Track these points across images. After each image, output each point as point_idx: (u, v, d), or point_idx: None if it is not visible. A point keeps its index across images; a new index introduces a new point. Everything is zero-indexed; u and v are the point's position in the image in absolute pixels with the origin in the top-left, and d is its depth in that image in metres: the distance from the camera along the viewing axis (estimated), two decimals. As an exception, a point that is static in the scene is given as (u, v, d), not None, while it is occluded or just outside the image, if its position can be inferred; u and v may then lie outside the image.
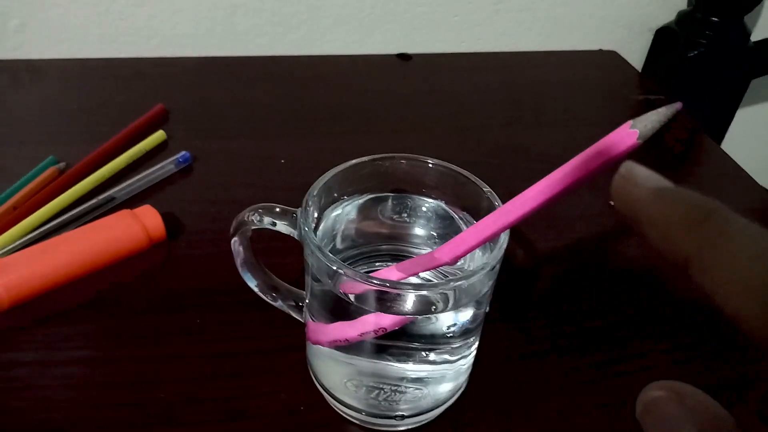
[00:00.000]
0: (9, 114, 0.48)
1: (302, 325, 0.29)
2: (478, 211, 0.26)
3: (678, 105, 0.18)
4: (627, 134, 0.19)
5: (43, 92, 0.51)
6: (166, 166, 0.42)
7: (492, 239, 0.23)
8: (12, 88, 0.52)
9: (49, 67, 0.54)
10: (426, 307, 0.24)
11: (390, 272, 0.25)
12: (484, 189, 0.26)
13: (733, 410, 0.30)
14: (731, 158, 0.49)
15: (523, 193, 0.21)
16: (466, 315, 0.25)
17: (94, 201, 0.38)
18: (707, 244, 0.13)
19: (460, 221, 0.28)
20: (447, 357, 0.26)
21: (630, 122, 0.19)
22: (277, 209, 0.26)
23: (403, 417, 0.27)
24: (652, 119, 0.18)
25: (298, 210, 0.25)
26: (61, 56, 0.55)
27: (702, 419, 0.14)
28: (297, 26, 0.58)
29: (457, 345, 0.26)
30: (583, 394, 0.30)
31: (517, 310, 0.35)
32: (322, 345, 0.26)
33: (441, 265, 0.24)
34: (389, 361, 0.25)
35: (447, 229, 0.29)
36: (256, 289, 0.29)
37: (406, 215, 0.29)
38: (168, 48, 0.57)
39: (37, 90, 0.52)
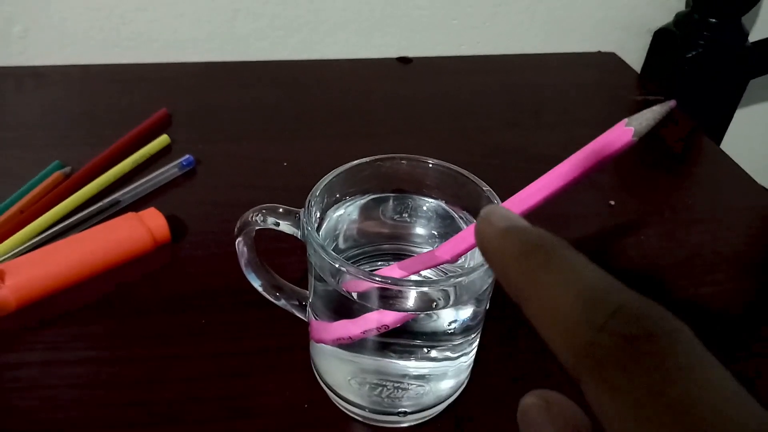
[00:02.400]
0: (14, 119, 0.49)
1: (305, 324, 0.29)
2: (477, 210, 0.27)
3: (672, 103, 0.19)
4: (623, 132, 0.19)
5: (47, 97, 0.52)
6: (170, 170, 0.42)
7: (492, 237, 0.23)
8: (16, 94, 0.52)
9: (52, 73, 0.55)
10: (427, 304, 0.25)
11: (392, 270, 0.25)
12: (484, 188, 0.27)
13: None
14: (730, 158, 0.50)
15: (522, 191, 0.22)
16: (466, 312, 0.25)
17: (99, 204, 0.39)
18: (529, 278, 0.13)
19: (460, 220, 0.29)
20: (448, 354, 0.26)
21: (625, 120, 0.19)
22: (281, 210, 0.26)
23: (405, 413, 0.27)
24: (647, 117, 0.19)
25: (301, 210, 0.26)
26: (64, 62, 0.56)
27: (562, 424, 0.15)
28: (298, 30, 0.59)
29: (459, 342, 0.26)
30: (581, 390, 0.31)
31: (518, 307, 0.35)
32: (326, 343, 0.27)
33: (442, 263, 0.24)
34: (392, 358, 0.26)
35: (447, 229, 0.29)
36: (260, 289, 0.29)
37: (407, 215, 0.30)
38: (170, 53, 0.58)
39: (41, 95, 0.52)
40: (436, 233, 0.30)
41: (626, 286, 0.13)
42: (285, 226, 0.26)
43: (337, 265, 0.23)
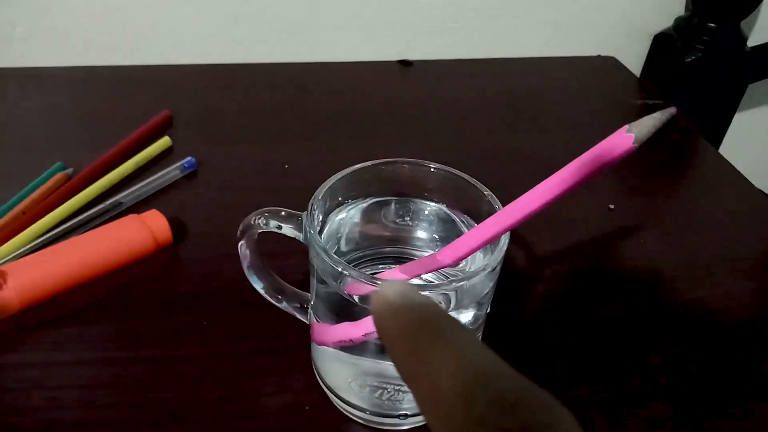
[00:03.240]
0: (16, 121, 0.49)
1: (307, 327, 0.29)
2: (478, 214, 0.27)
3: (672, 110, 0.19)
4: (623, 138, 0.19)
5: (50, 99, 0.52)
6: (171, 172, 0.43)
7: (492, 241, 0.23)
8: (19, 95, 0.52)
9: (54, 75, 0.55)
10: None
11: (393, 274, 0.25)
12: (485, 192, 0.27)
13: (732, 412, 0.31)
14: (729, 162, 0.50)
15: (523, 196, 0.22)
16: (467, 316, 0.26)
17: (101, 206, 0.39)
18: (414, 358, 0.13)
19: (462, 224, 0.29)
20: (449, 357, 0.26)
21: (626, 127, 0.19)
22: (283, 213, 0.27)
23: (406, 416, 0.28)
24: (648, 124, 0.19)
25: (304, 213, 0.26)
26: (66, 64, 0.56)
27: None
28: (299, 33, 0.59)
29: (459, 345, 0.26)
30: (583, 393, 0.31)
31: (518, 311, 0.35)
32: (327, 345, 0.27)
33: (443, 267, 0.24)
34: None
35: (449, 232, 0.29)
36: (262, 291, 0.30)
37: (408, 218, 0.30)
38: (172, 55, 0.58)
39: (44, 97, 0.52)
40: (437, 237, 0.30)
41: (513, 371, 0.12)
42: (287, 230, 0.26)
43: (339, 269, 0.23)
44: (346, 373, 0.27)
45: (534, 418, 0.11)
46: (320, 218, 0.27)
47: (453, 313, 0.25)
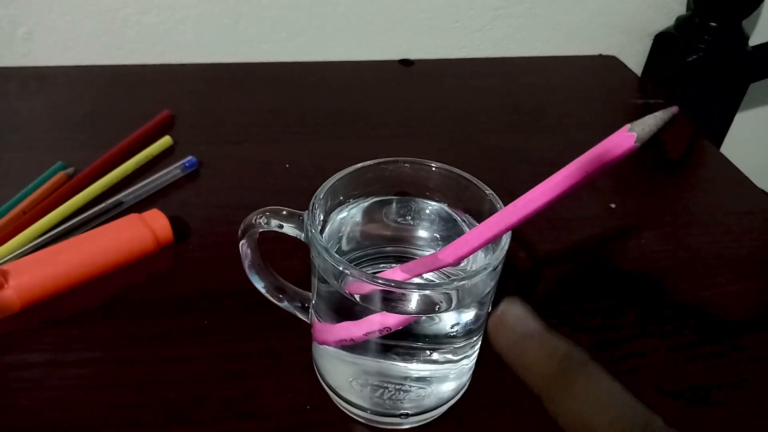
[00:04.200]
0: (18, 120, 0.49)
1: (308, 326, 0.29)
2: (480, 213, 0.27)
3: (674, 108, 0.19)
4: (625, 138, 0.19)
5: (51, 99, 0.52)
6: (172, 171, 0.43)
7: (494, 240, 0.23)
8: (20, 95, 0.52)
9: (56, 74, 0.55)
10: (430, 307, 0.25)
11: (394, 273, 0.25)
12: (486, 192, 0.27)
13: (730, 411, 0.31)
14: (730, 162, 0.50)
15: (524, 195, 0.22)
16: (469, 315, 0.25)
17: (102, 205, 0.39)
18: (554, 383, 0.16)
19: (463, 224, 0.29)
20: (450, 356, 0.26)
21: (628, 126, 0.19)
22: (284, 212, 0.26)
23: (407, 415, 0.28)
24: (650, 123, 0.19)
25: (305, 213, 0.26)
26: (68, 63, 0.56)
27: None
28: (300, 33, 0.59)
29: (461, 345, 0.26)
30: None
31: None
32: (328, 345, 0.27)
33: (444, 266, 0.24)
34: (394, 360, 0.26)
35: (450, 232, 0.29)
36: (263, 291, 0.30)
37: (410, 218, 0.30)
38: (173, 55, 0.58)
39: (45, 97, 0.52)
40: (438, 236, 0.30)
41: (648, 409, 0.15)
42: (288, 229, 0.26)
43: (340, 268, 0.23)
44: (347, 372, 0.27)
45: None
46: (321, 217, 0.27)
47: (454, 313, 0.25)
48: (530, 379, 0.17)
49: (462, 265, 0.26)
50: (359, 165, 0.28)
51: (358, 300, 0.24)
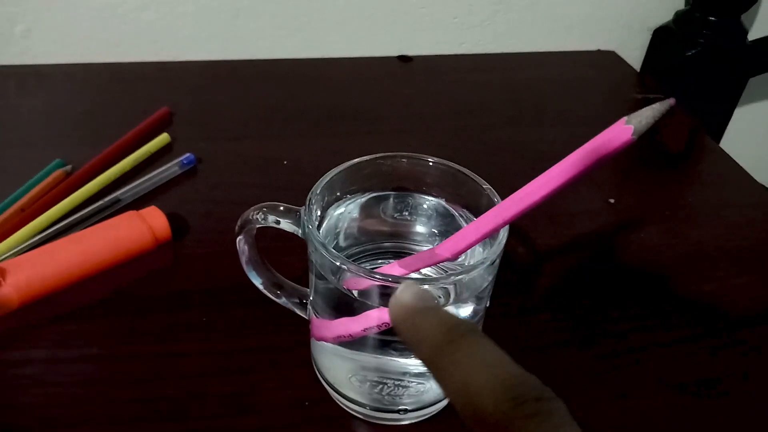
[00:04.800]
0: (16, 118, 0.49)
1: (306, 322, 0.29)
2: (478, 208, 0.27)
3: (671, 101, 0.19)
4: (622, 130, 0.19)
5: (49, 96, 0.52)
6: (171, 168, 0.43)
7: (491, 235, 0.23)
8: (18, 93, 0.52)
9: (54, 72, 0.55)
10: (428, 302, 0.25)
11: (392, 268, 0.25)
12: (484, 186, 0.27)
13: (733, 404, 0.31)
14: (730, 156, 0.50)
15: (522, 189, 0.22)
16: (467, 310, 0.25)
17: (100, 203, 0.39)
18: (441, 351, 0.17)
19: (461, 218, 0.29)
20: (449, 351, 0.26)
21: (625, 118, 0.19)
22: (281, 208, 0.26)
23: (406, 411, 0.28)
24: (647, 115, 0.19)
25: (302, 208, 0.26)
26: (66, 61, 0.56)
27: None
28: (299, 29, 0.59)
29: (459, 339, 0.26)
30: (583, 387, 0.31)
31: (518, 305, 0.35)
32: (327, 341, 0.27)
33: (442, 261, 0.24)
34: (392, 356, 0.26)
35: (448, 227, 0.29)
36: (261, 287, 0.30)
37: (407, 213, 0.30)
38: (171, 52, 0.58)
39: (43, 94, 0.52)
40: (436, 231, 0.30)
41: (524, 371, 0.16)
42: (286, 224, 0.26)
43: (337, 263, 0.23)
44: (345, 368, 0.27)
45: (540, 407, 0.15)
46: (318, 213, 0.27)
47: (452, 307, 0.25)
48: (421, 351, 0.17)
49: (460, 260, 0.26)
50: (356, 160, 0.28)
51: (355, 296, 0.24)
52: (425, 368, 0.17)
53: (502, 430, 0.15)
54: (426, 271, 0.28)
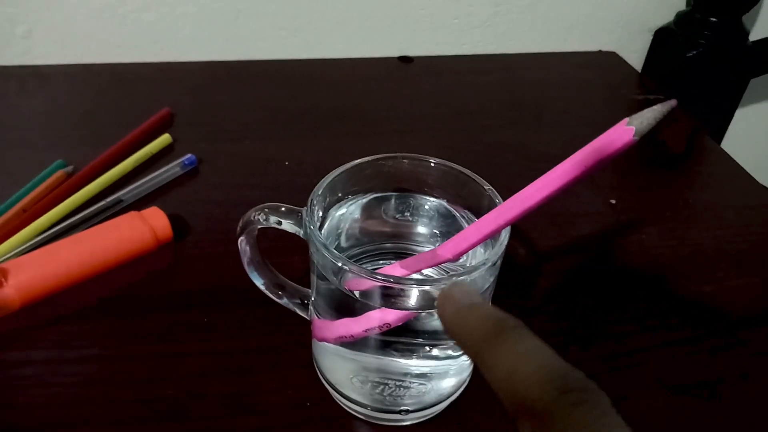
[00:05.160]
0: (17, 119, 0.49)
1: (308, 323, 0.29)
2: (479, 209, 0.27)
3: (673, 102, 0.19)
4: (624, 131, 0.19)
5: (50, 97, 0.52)
6: (172, 169, 0.43)
7: (493, 236, 0.23)
8: (19, 94, 0.52)
9: (55, 73, 0.55)
10: (429, 303, 0.25)
11: (394, 269, 0.25)
12: (485, 187, 0.27)
13: (733, 406, 0.31)
14: (731, 157, 0.50)
15: (523, 190, 0.22)
16: (468, 310, 0.25)
17: (102, 203, 0.39)
18: (487, 342, 0.17)
19: (462, 219, 0.29)
20: (450, 352, 0.26)
21: (626, 119, 0.19)
22: (283, 208, 0.26)
23: (407, 412, 0.28)
24: (648, 116, 0.19)
25: (304, 209, 0.26)
26: (67, 61, 0.56)
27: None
28: (299, 30, 0.59)
29: (460, 340, 0.26)
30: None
31: (519, 306, 0.35)
32: (328, 342, 0.27)
33: (443, 262, 0.24)
34: (394, 356, 0.26)
35: (449, 228, 0.29)
36: (262, 288, 0.30)
37: (408, 214, 0.30)
38: (172, 52, 0.58)
39: (44, 95, 0.52)
40: (437, 232, 0.30)
41: (569, 365, 0.16)
42: (287, 225, 0.26)
43: (339, 264, 0.23)
44: (347, 369, 0.27)
45: (586, 397, 0.15)
46: (320, 214, 0.27)
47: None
48: (469, 344, 0.18)
49: (461, 260, 0.26)
50: (358, 161, 0.28)
51: (357, 296, 0.24)
52: (428, 369, 0.17)
53: (547, 417, 0.15)
54: (427, 271, 0.28)
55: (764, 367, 0.33)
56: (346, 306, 0.25)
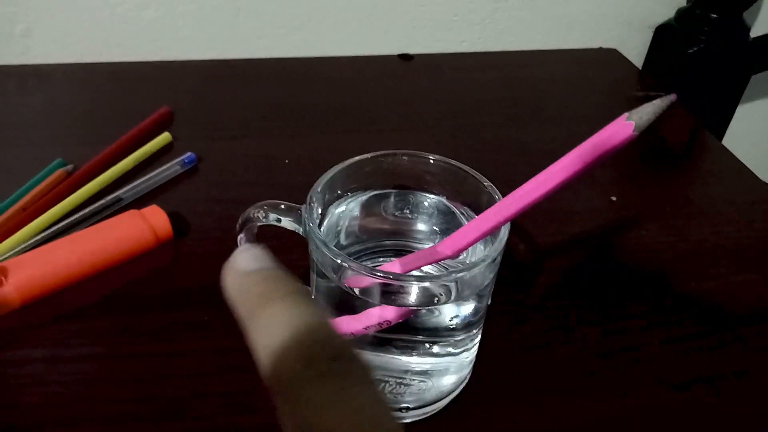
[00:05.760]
0: (16, 117, 0.49)
1: (308, 320, 0.29)
2: (479, 206, 0.27)
3: (672, 97, 0.19)
4: (623, 126, 0.19)
5: (50, 96, 0.52)
6: (172, 167, 0.43)
7: (493, 232, 0.23)
8: (19, 92, 0.52)
9: (54, 71, 0.55)
10: (429, 300, 0.25)
11: (393, 266, 0.25)
12: (485, 183, 0.27)
13: (733, 402, 0.30)
14: (732, 154, 0.50)
15: (523, 186, 0.22)
16: (468, 307, 0.25)
17: (101, 202, 0.39)
18: (252, 318, 0.16)
19: (462, 216, 0.29)
20: (450, 349, 0.26)
21: (626, 114, 0.19)
22: (282, 206, 0.26)
23: (408, 409, 0.28)
24: (648, 111, 0.19)
25: (303, 207, 0.26)
26: (66, 60, 0.56)
27: None
28: (299, 28, 0.59)
29: (460, 337, 0.26)
30: (584, 384, 0.31)
31: (519, 302, 0.35)
32: (328, 339, 0.27)
33: (443, 259, 0.24)
34: (394, 354, 0.26)
35: (449, 224, 0.29)
36: (262, 285, 0.29)
37: (408, 211, 0.30)
38: (172, 51, 0.58)
39: (44, 94, 0.52)
40: (437, 229, 0.30)
41: (331, 327, 0.15)
42: (287, 223, 0.26)
43: (338, 261, 0.23)
44: (346, 366, 0.27)
45: (332, 367, 0.14)
46: (319, 211, 0.27)
47: (453, 305, 0.25)
48: (239, 313, 0.16)
49: (461, 257, 0.26)
50: (357, 158, 0.27)
51: (357, 294, 0.24)
52: (429, 366, 0.17)
53: (292, 394, 0.14)
54: (427, 268, 0.28)
55: (764, 363, 0.32)
56: (345, 303, 0.25)
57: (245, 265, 0.17)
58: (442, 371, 0.27)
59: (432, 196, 0.29)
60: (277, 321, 0.15)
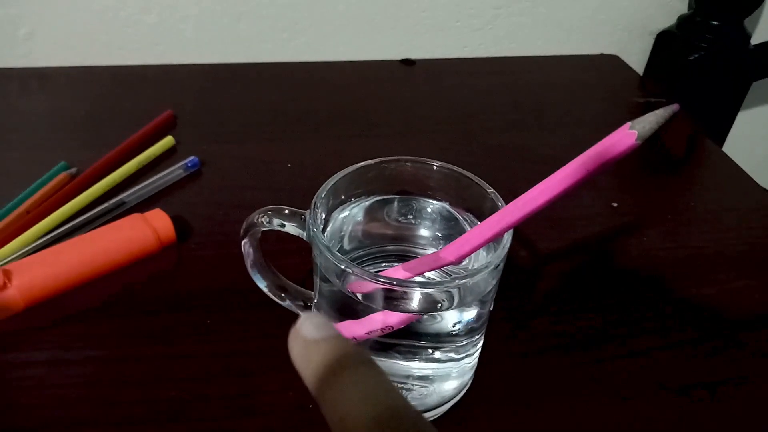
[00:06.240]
0: (19, 120, 0.49)
1: (310, 325, 0.29)
2: (481, 212, 0.27)
3: (675, 106, 0.19)
4: (626, 135, 0.19)
5: (53, 99, 0.52)
6: (175, 171, 0.43)
7: (495, 239, 0.23)
8: (22, 95, 0.52)
9: (57, 75, 0.55)
10: (432, 306, 0.25)
11: (396, 272, 0.25)
12: (488, 190, 0.27)
13: (733, 408, 0.31)
14: (733, 160, 0.50)
15: (526, 193, 0.22)
16: (470, 313, 0.26)
17: (105, 205, 0.39)
18: (326, 389, 0.16)
19: (464, 222, 0.29)
20: (452, 355, 0.26)
21: (629, 123, 0.19)
22: (286, 211, 0.27)
23: (409, 414, 0.28)
24: (651, 120, 0.19)
25: (307, 212, 0.26)
26: (69, 63, 0.56)
27: None
28: (301, 32, 0.59)
29: (463, 343, 0.26)
30: (585, 390, 0.31)
31: (521, 308, 0.35)
32: (330, 343, 0.27)
33: (446, 265, 0.24)
34: (396, 359, 0.26)
35: (452, 230, 0.29)
36: (265, 290, 0.30)
37: (411, 217, 0.30)
38: (174, 55, 0.58)
39: (47, 97, 0.53)
40: (440, 235, 0.30)
41: (413, 407, 0.15)
42: (290, 228, 0.27)
43: (342, 266, 0.23)
44: (349, 371, 0.27)
45: None
46: (323, 216, 0.27)
47: (456, 311, 0.25)
48: (310, 383, 0.16)
49: (464, 263, 0.26)
50: (361, 164, 0.28)
51: (360, 299, 0.24)
52: (431, 371, 0.17)
53: None
54: (430, 274, 0.28)
55: (764, 369, 0.33)
56: (348, 308, 0.25)
57: (312, 333, 0.17)
58: (444, 376, 0.27)
59: (435, 202, 0.29)
60: (353, 395, 0.15)
